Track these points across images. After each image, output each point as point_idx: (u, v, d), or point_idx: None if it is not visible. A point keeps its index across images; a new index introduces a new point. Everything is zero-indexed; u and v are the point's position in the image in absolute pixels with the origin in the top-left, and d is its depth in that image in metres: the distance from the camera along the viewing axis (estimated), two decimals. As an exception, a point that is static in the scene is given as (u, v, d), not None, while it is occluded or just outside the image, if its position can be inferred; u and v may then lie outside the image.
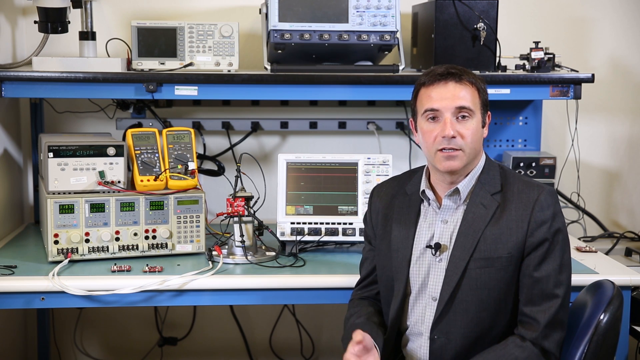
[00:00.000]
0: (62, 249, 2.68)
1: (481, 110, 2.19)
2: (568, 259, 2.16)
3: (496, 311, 2.15)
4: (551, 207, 2.14)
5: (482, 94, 2.20)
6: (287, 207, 2.86)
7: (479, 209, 2.17)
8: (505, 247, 2.13)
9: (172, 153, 2.84)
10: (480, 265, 2.14)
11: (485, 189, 2.19)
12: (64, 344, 3.55)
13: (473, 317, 2.15)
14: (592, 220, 3.59)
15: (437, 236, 2.21)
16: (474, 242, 2.14)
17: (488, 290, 2.14)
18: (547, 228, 2.12)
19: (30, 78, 2.85)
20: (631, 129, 3.60)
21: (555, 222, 2.13)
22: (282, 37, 2.90)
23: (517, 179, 2.22)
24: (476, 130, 2.17)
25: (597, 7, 3.51)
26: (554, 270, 2.12)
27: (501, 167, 2.26)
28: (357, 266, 2.73)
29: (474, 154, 2.18)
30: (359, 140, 3.50)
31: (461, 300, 2.15)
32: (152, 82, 2.88)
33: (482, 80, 2.22)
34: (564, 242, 2.15)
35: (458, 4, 2.97)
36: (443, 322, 2.17)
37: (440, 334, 2.18)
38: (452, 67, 2.19)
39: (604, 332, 2.09)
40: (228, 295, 2.61)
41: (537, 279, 2.11)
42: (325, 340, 3.66)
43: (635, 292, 2.71)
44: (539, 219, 2.12)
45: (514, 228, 2.13)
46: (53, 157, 2.72)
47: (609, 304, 2.11)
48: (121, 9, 3.32)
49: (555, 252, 2.12)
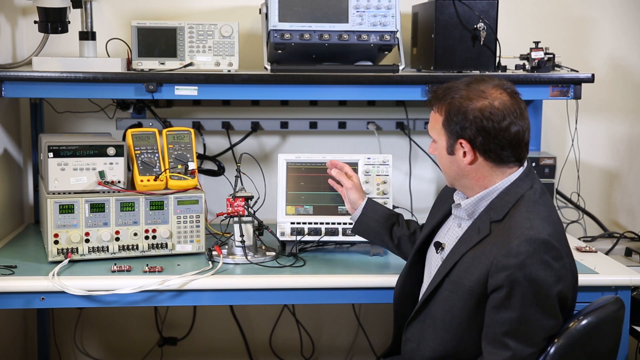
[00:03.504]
0: (62, 249, 2.68)
1: (445, 136, 2.13)
2: (537, 314, 1.97)
3: (459, 337, 2.10)
4: (521, 256, 1.96)
5: (447, 121, 2.11)
6: (287, 207, 2.86)
7: (473, 232, 2.13)
8: (470, 279, 2.06)
9: (172, 153, 2.84)
10: (449, 289, 2.11)
11: (489, 214, 2.11)
12: (64, 344, 3.55)
13: (439, 334, 2.13)
14: (592, 220, 3.60)
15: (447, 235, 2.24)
16: (453, 263, 2.12)
17: (451, 314, 2.10)
18: (505, 275, 1.96)
19: (30, 78, 2.85)
20: (631, 129, 3.60)
21: (520, 272, 1.95)
22: (282, 37, 2.90)
23: (521, 214, 2.06)
24: (440, 156, 2.17)
25: (597, 7, 3.51)
26: (511, 319, 1.97)
27: (525, 195, 2.10)
28: (357, 266, 2.76)
29: (448, 177, 2.21)
30: (359, 140, 3.50)
31: (432, 314, 2.16)
32: (152, 82, 2.88)
33: (459, 108, 2.09)
34: (530, 296, 1.96)
35: (458, 4, 2.97)
36: (415, 327, 2.20)
37: (413, 339, 2.20)
38: (438, 88, 2.17)
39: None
40: (228, 295, 2.61)
41: (492, 320, 2.01)
42: (325, 340, 3.66)
43: (635, 292, 2.71)
44: (501, 263, 1.98)
45: (482, 262, 2.04)
46: (53, 157, 2.72)
47: None
48: (121, 9, 3.32)
49: (514, 301, 1.96)
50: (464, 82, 2.14)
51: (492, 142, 2.08)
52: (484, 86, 2.10)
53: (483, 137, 2.07)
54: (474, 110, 2.07)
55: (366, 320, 3.60)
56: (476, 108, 2.07)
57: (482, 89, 2.10)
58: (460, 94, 2.10)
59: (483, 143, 2.08)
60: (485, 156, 2.11)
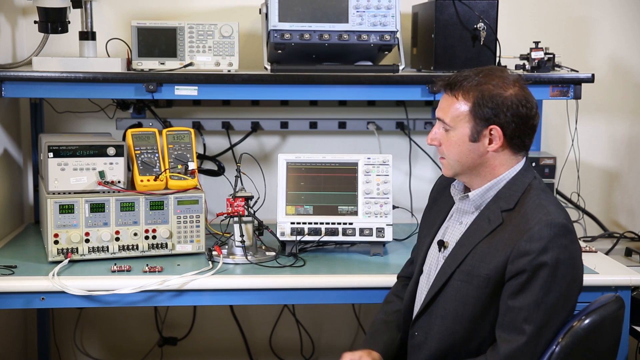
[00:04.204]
0: (62, 249, 2.68)
1: (470, 123, 2.12)
2: (554, 299, 2.00)
3: (471, 328, 2.11)
4: (543, 240, 2.00)
5: (477, 107, 2.10)
6: (287, 207, 2.86)
7: (483, 222, 2.14)
8: (487, 267, 2.07)
9: (172, 153, 2.84)
10: (462, 279, 2.12)
11: (498, 203, 2.13)
12: (64, 344, 3.55)
13: (448, 326, 2.14)
14: (592, 220, 3.59)
15: (449, 234, 2.24)
16: (464, 254, 2.13)
17: (464, 305, 2.11)
18: (528, 260, 1.99)
19: (30, 78, 2.85)
20: (631, 129, 3.60)
21: (543, 256, 1.99)
22: (282, 37, 2.90)
23: (534, 199, 2.09)
24: (457, 143, 2.14)
25: (597, 7, 3.51)
26: (529, 305, 2.00)
27: (532, 183, 2.14)
28: (357, 266, 2.75)
29: (460, 166, 2.17)
30: (359, 140, 3.50)
31: (441, 306, 2.16)
32: (152, 82, 2.88)
33: (486, 92, 2.10)
34: (550, 280, 2.00)
35: (458, 4, 2.97)
36: (423, 320, 2.20)
37: (420, 331, 2.20)
38: (459, 75, 2.16)
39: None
40: (228, 295, 2.61)
41: (509, 307, 2.03)
42: (325, 340, 3.66)
43: (635, 292, 2.71)
44: (522, 249, 2.01)
45: (500, 251, 2.06)
46: (53, 157, 2.72)
47: None
48: (121, 9, 3.32)
49: (534, 286, 2.00)
50: (474, 72, 2.15)
51: (522, 129, 2.11)
52: (501, 75, 2.13)
53: (516, 123, 2.09)
54: (511, 97, 2.09)
55: (366, 320, 3.60)
56: (512, 95, 2.09)
57: (503, 78, 2.12)
58: (489, 81, 2.11)
59: (515, 129, 2.10)
60: (511, 143, 2.13)
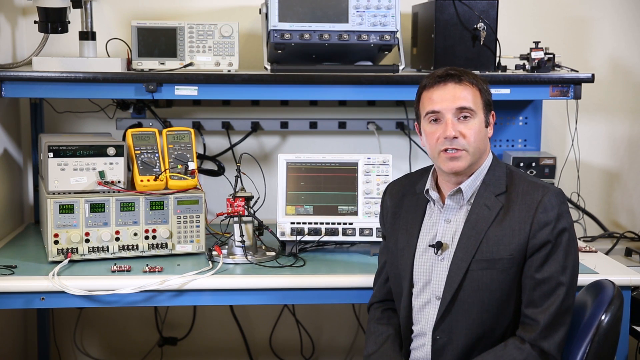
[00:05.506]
0: (62, 249, 2.68)
1: (483, 110, 2.20)
2: (573, 259, 2.14)
3: (498, 312, 2.14)
4: (555, 208, 2.12)
5: (484, 94, 2.21)
6: (287, 207, 2.86)
7: (482, 210, 2.17)
8: (507, 248, 2.12)
9: (172, 153, 2.84)
10: (482, 267, 2.14)
11: (489, 189, 2.19)
12: (64, 344, 3.55)
13: (475, 318, 2.15)
14: (592, 220, 3.59)
15: (440, 235, 2.22)
16: (477, 244, 2.15)
17: (490, 291, 2.14)
18: (549, 230, 2.10)
19: (30, 78, 2.85)
20: (631, 129, 3.60)
21: (560, 223, 2.11)
22: (282, 37, 2.90)
23: (522, 179, 2.21)
24: (479, 130, 2.18)
25: (597, 7, 3.51)
26: (556, 271, 2.10)
27: (508, 167, 2.26)
28: (357, 266, 2.75)
29: (478, 153, 2.19)
30: (359, 140, 3.50)
31: (463, 301, 2.16)
32: (152, 82, 2.88)
33: (484, 81, 2.23)
34: (569, 243, 2.13)
35: (458, 4, 2.97)
36: (445, 322, 2.18)
37: (443, 334, 2.18)
38: (452, 68, 2.21)
39: (605, 332, 2.09)
40: (228, 295, 2.61)
41: (538, 280, 2.11)
42: (325, 340, 3.66)
43: (635, 292, 2.71)
44: (542, 220, 2.11)
45: (516, 230, 2.13)
46: (53, 157, 2.72)
47: (609, 305, 2.11)
48: (121, 9, 3.32)
49: (557, 253, 2.11)
50: (451, 68, 2.24)
51: None
52: None
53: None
54: None
55: (366, 320, 3.59)
56: None
57: None
58: (472, 73, 2.24)
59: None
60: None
